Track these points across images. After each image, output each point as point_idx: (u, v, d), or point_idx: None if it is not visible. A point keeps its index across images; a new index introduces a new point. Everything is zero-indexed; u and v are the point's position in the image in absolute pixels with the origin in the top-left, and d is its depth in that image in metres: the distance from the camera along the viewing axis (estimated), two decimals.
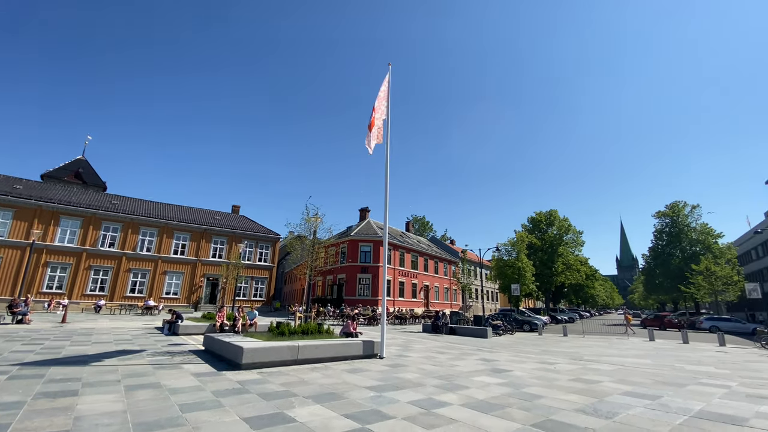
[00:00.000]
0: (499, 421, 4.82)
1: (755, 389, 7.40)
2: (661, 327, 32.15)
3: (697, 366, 10.78)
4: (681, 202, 48.56)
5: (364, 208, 43.62)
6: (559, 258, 49.88)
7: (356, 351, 9.72)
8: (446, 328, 19.83)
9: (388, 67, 12.95)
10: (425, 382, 7.12)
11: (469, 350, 12.92)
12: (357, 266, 36.36)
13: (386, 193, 11.43)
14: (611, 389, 7.04)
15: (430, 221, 73.62)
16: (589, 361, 11.23)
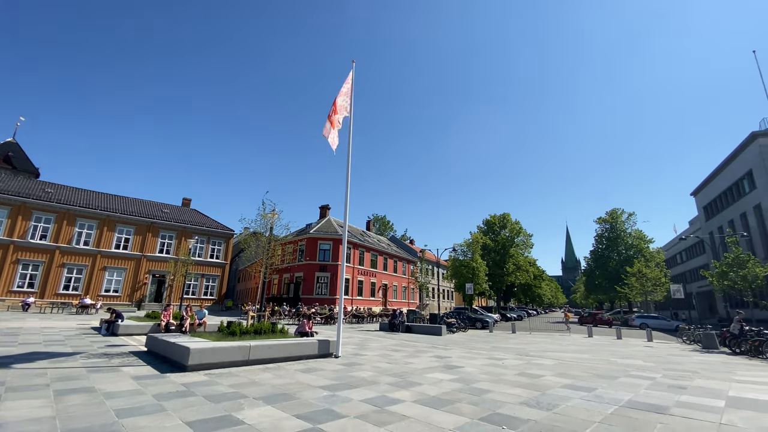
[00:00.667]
0: (449, 416, 4.97)
1: (676, 380, 8.22)
2: (594, 324, 34.86)
3: (628, 360, 11.78)
4: (619, 210, 52.78)
5: (324, 206, 43.08)
6: (510, 259, 52.39)
7: (311, 350, 9.58)
8: (403, 327, 20.10)
9: (351, 64, 12.88)
10: (379, 380, 7.18)
11: (424, 348, 13.19)
12: (315, 264, 35.84)
13: (347, 192, 11.37)
14: (553, 383, 7.51)
15: (390, 221, 74.38)
16: (534, 356, 11.89)
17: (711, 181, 41.85)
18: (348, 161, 11.67)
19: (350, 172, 11.56)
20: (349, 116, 12.21)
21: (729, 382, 8.06)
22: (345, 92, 12.25)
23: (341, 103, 11.98)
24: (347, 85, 12.39)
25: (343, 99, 12.12)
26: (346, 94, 12.29)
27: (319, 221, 41.06)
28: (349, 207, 11.46)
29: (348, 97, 12.36)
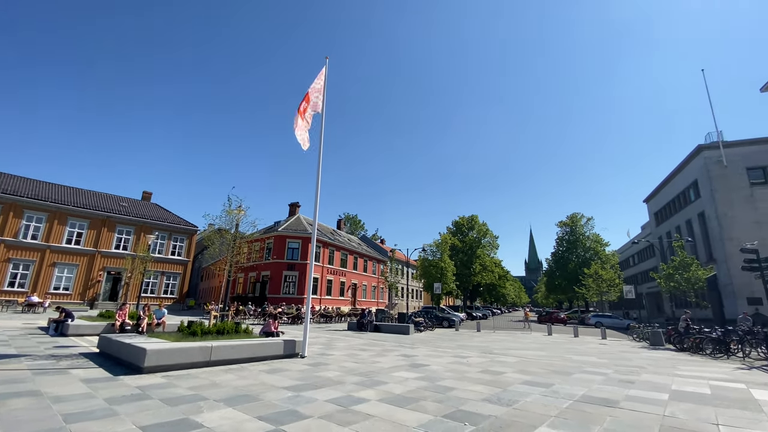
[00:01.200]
0: (413, 414, 5.03)
1: (626, 375, 8.75)
2: (550, 322, 36.64)
3: (583, 356, 12.41)
4: (579, 214, 55.50)
5: (293, 203, 42.33)
6: (477, 259, 53.78)
7: (276, 351, 9.40)
8: (371, 326, 20.14)
9: (325, 60, 12.76)
10: (345, 380, 7.16)
11: (391, 347, 13.28)
12: (283, 263, 35.17)
13: (317, 189, 11.23)
14: (513, 379, 7.78)
15: (362, 220, 74.34)
16: (497, 354, 12.27)
17: (661, 189, 44.86)
18: (319, 158, 11.53)
19: (321, 169, 11.44)
20: (321, 114, 12.06)
21: (672, 377, 8.68)
22: (318, 89, 12.08)
23: (314, 99, 11.81)
24: (320, 82, 12.22)
25: (316, 96, 11.96)
26: (319, 90, 12.13)
27: (288, 219, 40.33)
28: (321, 206, 11.34)
29: (321, 94, 12.20)
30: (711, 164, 32.47)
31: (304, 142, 10.95)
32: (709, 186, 32.28)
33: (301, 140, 10.91)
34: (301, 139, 10.91)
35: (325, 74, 12.42)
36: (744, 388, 7.47)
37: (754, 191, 30.63)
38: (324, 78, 12.37)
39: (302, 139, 10.97)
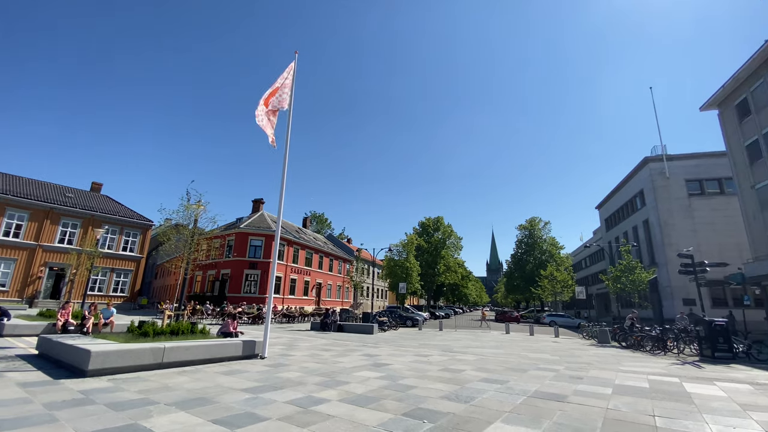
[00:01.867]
0: (373, 413, 5.06)
1: (575, 372, 9.28)
2: (505, 321, 38.61)
3: (538, 354, 13.02)
4: (537, 218, 58.15)
5: (257, 200, 41.14)
6: (441, 260, 54.88)
7: (234, 352, 9.10)
8: (335, 326, 19.98)
9: (294, 54, 12.51)
10: (306, 381, 7.06)
11: (355, 346, 13.26)
12: (245, 261, 34.09)
13: (282, 186, 10.99)
14: (472, 377, 8.02)
15: (329, 218, 73.46)
16: (457, 352, 12.60)
17: (612, 197, 47.92)
18: (285, 154, 11.29)
19: (287, 165, 11.20)
20: (288, 109, 11.81)
21: (616, 372, 9.31)
22: (286, 84, 11.81)
23: (281, 95, 11.54)
24: (288, 77, 11.96)
25: (283, 91, 11.68)
26: (287, 86, 11.87)
27: (251, 215, 39.14)
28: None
29: (288, 89, 11.94)
30: (655, 175, 35.12)
31: (273, 141, 10.70)
32: (653, 195, 34.91)
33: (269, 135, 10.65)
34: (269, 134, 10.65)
35: (294, 69, 12.17)
36: (678, 382, 8.15)
37: (691, 201, 33.49)
38: (293, 73, 12.12)
39: (269, 134, 10.70)
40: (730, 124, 26.98)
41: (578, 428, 4.70)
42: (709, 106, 28.61)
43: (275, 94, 11.26)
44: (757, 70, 24.08)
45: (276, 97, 11.24)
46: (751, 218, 25.37)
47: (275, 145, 10.83)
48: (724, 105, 27.50)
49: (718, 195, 33.13)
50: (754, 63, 23.83)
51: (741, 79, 25.27)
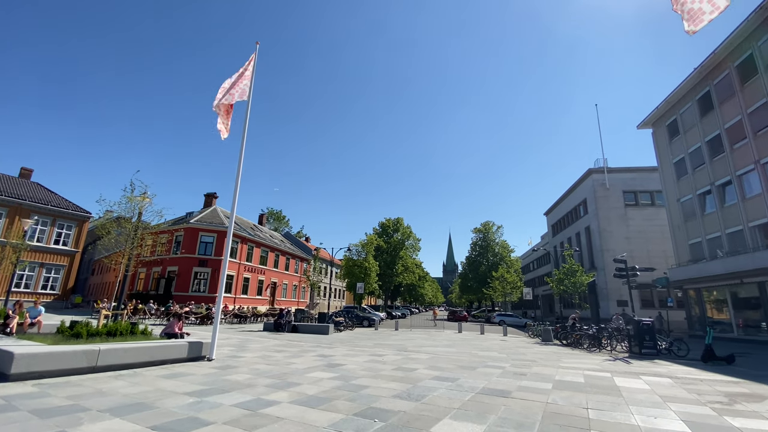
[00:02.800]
0: (324, 414, 5.01)
1: (520, 369, 9.78)
2: (455, 320, 40.35)
3: (487, 352, 13.57)
4: (491, 222, 60.66)
5: (210, 194, 39.17)
6: (400, 260, 55.47)
7: (179, 354, 8.61)
8: (289, 326, 19.53)
9: (255, 45, 12.13)
10: (256, 383, 6.85)
11: (309, 347, 13.06)
12: (194, 258, 32.34)
13: (237, 179, 10.57)
14: (424, 375, 8.20)
15: (286, 216, 71.62)
16: (411, 351, 12.82)
17: (558, 205, 51.14)
18: (242, 146, 10.89)
19: (243, 158, 10.80)
20: (247, 101, 11.44)
21: (557, 369, 9.94)
22: (246, 75, 11.45)
23: (241, 87, 11.18)
24: (249, 68, 11.60)
25: (243, 82, 11.32)
26: (247, 77, 11.50)
27: (202, 210, 37.22)
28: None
29: (248, 80, 11.57)
30: (597, 186, 37.98)
31: (223, 131, 10.28)
32: (595, 205, 37.72)
33: (221, 128, 10.22)
34: (221, 127, 10.22)
35: (254, 60, 11.81)
36: (609, 377, 8.87)
37: (627, 211, 36.58)
38: (253, 64, 11.76)
39: (223, 127, 10.29)
40: (662, 143, 29.83)
41: (520, 422, 4.97)
42: (644, 124, 31.44)
43: (234, 87, 10.88)
44: (686, 96, 26.84)
45: (237, 89, 10.87)
46: (676, 228, 28.21)
47: (226, 133, 10.43)
48: (657, 125, 30.36)
49: (649, 206, 36.49)
50: (683, 89, 26.53)
51: (672, 102, 28.02)
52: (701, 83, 25.12)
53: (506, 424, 4.88)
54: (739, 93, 21.95)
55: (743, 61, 21.70)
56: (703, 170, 24.98)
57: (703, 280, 23.64)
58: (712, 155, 24.12)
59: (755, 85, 20.83)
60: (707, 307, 24.48)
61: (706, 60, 23.70)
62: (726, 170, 22.90)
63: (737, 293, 21.73)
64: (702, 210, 25.20)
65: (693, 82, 25.63)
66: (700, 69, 24.40)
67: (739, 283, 21.02)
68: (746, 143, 21.40)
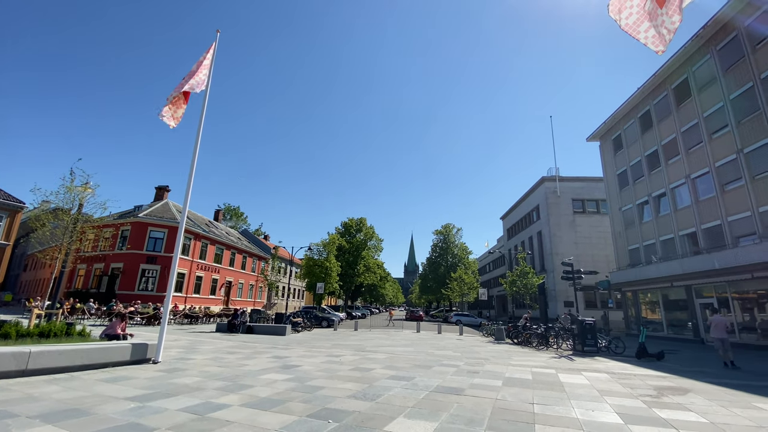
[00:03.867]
0: (277, 417, 4.91)
1: (473, 367, 10.12)
2: (413, 319, 41.69)
3: (443, 351, 13.92)
4: (452, 225, 62.31)
5: (161, 187, 36.96)
6: (362, 261, 55.46)
7: (121, 356, 8.06)
8: (243, 327, 18.90)
9: (215, 34, 11.68)
10: (206, 386, 6.56)
11: (264, 348, 12.71)
12: (142, 255, 30.37)
13: (192, 171, 10.09)
14: (380, 375, 8.26)
15: (245, 212, 69.12)
16: (369, 351, 12.86)
17: (514, 210, 53.55)
18: (198, 137, 10.42)
19: (198, 149, 10.32)
20: (205, 91, 10.97)
21: (507, 366, 10.40)
22: (205, 64, 10.98)
23: (200, 77, 10.71)
24: (208, 57, 11.14)
25: (201, 72, 10.85)
26: (206, 66, 11.02)
27: (152, 204, 35.03)
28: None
29: (208, 69, 11.10)
30: (549, 193, 40.20)
31: (171, 119, 9.80)
32: (547, 211, 39.91)
33: (173, 117, 9.73)
34: (173, 116, 9.73)
35: (214, 49, 11.36)
36: (554, 373, 9.41)
37: (575, 218, 39.03)
38: (213, 53, 11.30)
39: (175, 116, 9.80)
40: (607, 155, 32.15)
41: (471, 419, 5.15)
42: (593, 137, 33.72)
43: (192, 76, 10.41)
44: (629, 113, 29.11)
45: (195, 79, 10.40)
46: (617, 235, 30.49)
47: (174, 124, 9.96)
48: (604, 138, 32.68)
49: (595, 214, 39.18)
50: (627, 106, 28.76)
51: (618, 118, 30.28)
52: (643, 102, 27.38)
53: (458, 420, 5.03)
54: (675, 113, 24.16)
55: (680, 84, 23.92)
56: (642, 182, 27.22)
57: (640, 283, 25.75)
58: (651, 169, 26.36)
59: (689, 107, 23.03)
60: (642, 308, 26.68)
61: (648, 81, 25.88)
62: (662, 183, 25.11)
63: (668, 295, 23.88)
64: (640, 219, 27.45)
65: (636, 101, 27.88)
66: (642, 89, 26.59)
67: (669, 286, 23.11)
68: (679, 159, 23.60)
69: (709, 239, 21.14)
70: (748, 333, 18.20)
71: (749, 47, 18.95)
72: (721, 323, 12.01)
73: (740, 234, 19.22)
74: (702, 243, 21.52)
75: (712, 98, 21.21)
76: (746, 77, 19.08)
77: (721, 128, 20.56)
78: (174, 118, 10.00)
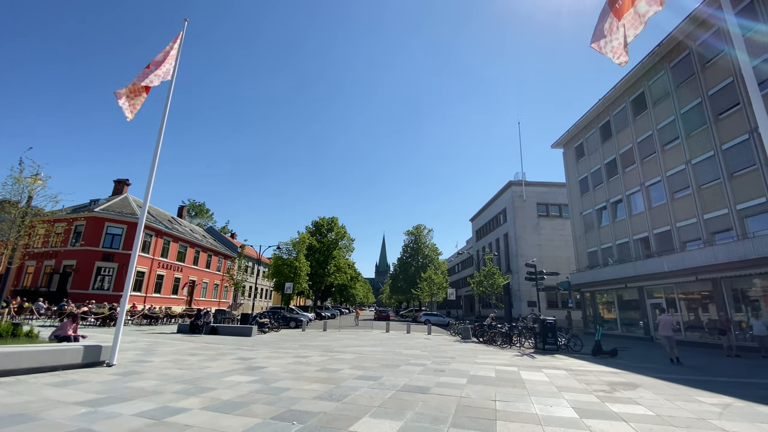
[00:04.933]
0: (239, 419, 4.79)
1: (440, 365, 10.31)
2: (381, 319, 42.45)
3: (411, 350, 14.08)
4: (423, 225, 63.07)
5: (121, 180, 34.99)
6: (332, 260, 54.99)
7: (72, 359, 7.59)
8: (207, 328, 18.27)
9: (183, 23, 11.26)
10: (164, 389, 6.30)
11: (228, 350, 12.35)
12: (98, 252, 28.67)
13: (154, 164, 9.64)
14: (347, 375, 8.25)
15: (210, 209, 66.81)
16: (338, 352, 12.80)
17: (482, 212, 54.99)
18: (162, 127, 9.99)
19: (162, 139, 9.90)
20: (171, 81, 10.54)
21: (472, 365, 10.66)
22: (171, 54, 10.56)
23: (165, 68, 10.29)
24: (174, 47, 10.73)
25: (168, 62, 10.43)
26: (172, 57, 10.60)
27: (111, 198, 33.13)
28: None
29: (174, 60, 10.68)
30: (515, 197, 41.61)
31: (128, 110, 9.37)
32: (513, 214, 41.30)
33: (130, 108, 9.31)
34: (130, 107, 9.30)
35: (181, 38, 10.95)
36: (516, 371, 9.75)
37: (539, 221, 40.62)
38: (180, 42, 10.89)
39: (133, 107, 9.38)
40: (570, 162, 33.67)
41: (435, 416, 5.25)
42: (557, 144, 35.21)
43: (157, 65, 9.98)
44: (591, 123, 30.63)
45: (162, 69, 9.98)
46: (577, 238, 32.00)
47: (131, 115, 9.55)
48: (568, 146, 34.21)
49: (558, 217, 40.95)
50: (589, 117, 30.24)
51: (580, 127, 31.78)
52: (604, 113, 28.90)
53: (422, 419, 5.12)
54: (632, 124, 25.68)
55: (637, 96, 25.45)
56: (601, 188, 28.73)
57: (597, 284, 27.16)
58: (609, 176, 27.87)
59: (645, 119, 24.55)
60: (599, 307, 28.16)
61: (608, 93, 27.35)
62: (619, 190, 26.61)
63: (622, 296, 25.34)
64: (599, 223, 28.96)
65: (597, 111, 29.39)
66: (603, 100, 28.06)
67: (624, 287, 24.53)
68: (635, 168, 25.10)
69: (660, 243, 22.63)
70: (693, 331, 19.64)
71: (699, 66, 20.45)
72: (668, 322, 12.89)
73: (687, 239, 20.71)
74: (653, 247, 23.00)
75: (666, 112, 22.73)
76: (696, 93, 20.59)
77: (673, 140, 22.07)
78: (131, 110, 9.55)
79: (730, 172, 18.34)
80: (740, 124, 17.90)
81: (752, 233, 16.82)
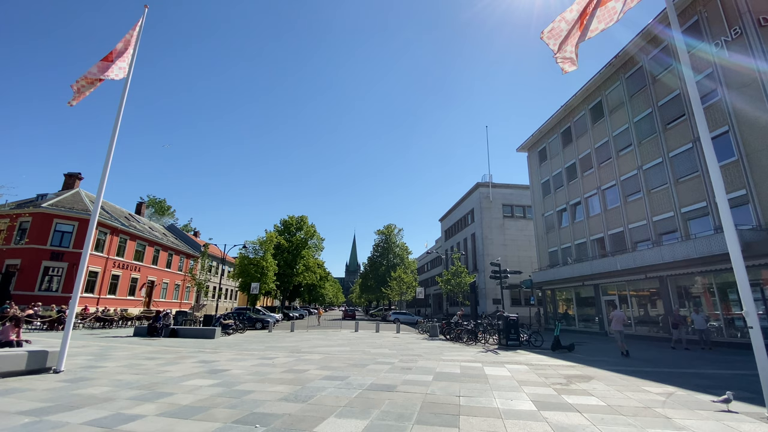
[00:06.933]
0: (198, 425, 4.63)
1: (407, 363, 10.42)
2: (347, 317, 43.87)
3: (379, 349, 14.13)
4: (393, 225, 63.43)
5: (72, 174, 32.70)
6: (301, 260, 54.09)
7: (15, 365, 7.03)
8: (167, 330, 17.46)
9: (143, 9, 10.75)
10: (117, 396, 5.97)
11: (189, 353, 11.88)
12: (45, 250, 26.65)
13: (110, 155, 9.09)
14: (314, 376, 8.17)
15: (172, 206, 63.75)
16: (305, 352, 12.63)
17: (451, 212, 56.10)
18: (119, 115, 9.46)
19: (119, 128, 9.37)
20: (129, 68, 10.06)
21: (438, 362, 10.86)
22: (131, 41, 10.08)
23: (122, 62, 9.83)
24: (134, 34, 10.23)
25: (128, 51, 9.96)
26: (131, 45, 10.11)
27: (60, 193, 30.88)
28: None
29: (132, 47, 10.17)
30: (483, 198, 42.75)
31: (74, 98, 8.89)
32: (480, 215, 42.41)
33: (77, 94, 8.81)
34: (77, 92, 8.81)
35: (141, 25, 10.45)
36: (480, 366, 10.04)
37: (504, 222, 41.96)
38: (139, 29, 10.40)
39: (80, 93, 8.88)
40: (534, 165, 35.02)
41: (401, 414, 5.31)
42: (522, 148, 36.51)
43: (117, 54, 9.50)
44: (553, 128, 31.99)
45: (120, 59, 9.50)
46: (539, 238, 33.35)
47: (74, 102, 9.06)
48: (532, 150, 35.55)
49: (522, 218, 42.47)
50: (552, 122, 31.58)
51: (544, 132, 33.12)
52: (565, 119, 30.28)
53: (388, 417, 5.16)
54: (590, 131, 27.07)
55: (595, 105, 26.86)
56: (562, 191, 30.09)
57: (557, 282, 28.44)
58: (569, 179, 29.24)
59: (602, 126, 25.95)
60: (559, 304, 29.50)
61: (570, 100, 28.68)
62: (578, 192, 27.98)
63: (580, 293, 26.68)
64: (559, 224, 30.32)
65: (559, 118, 30.75)
66: (564, 107, 29.40)
67: (581, 285, 25.83)
68: (593, 172, 26.48)
69: (614, 244, 24.02)
70: (642, 326, 21.02)
71: (650, 78, 21.89)
72: (620, 317, 13.71)
73: (638, 240, 22.12)
74: (608, 247, 24.39)
75: (621, 120, 24.15)
76: (648, 104, 22.02)
77: (627, 147, 23.49)
78: (77, 96, 9.02)
79: (676, 177, 19.77)
80: (685, 133, 19.34)
81: (694, 235, 18.24)
